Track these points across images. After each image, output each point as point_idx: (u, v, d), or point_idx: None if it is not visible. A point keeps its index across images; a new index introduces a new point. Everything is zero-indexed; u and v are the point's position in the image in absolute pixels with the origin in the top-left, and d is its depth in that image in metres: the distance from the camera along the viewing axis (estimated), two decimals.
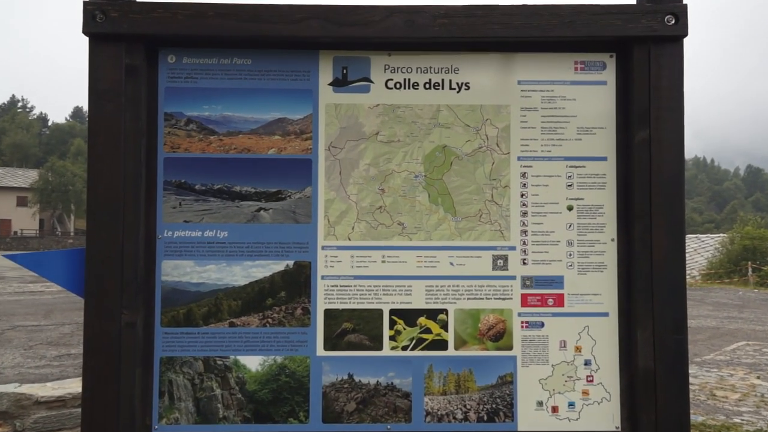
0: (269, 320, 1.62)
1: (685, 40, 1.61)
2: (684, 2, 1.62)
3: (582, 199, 1.67)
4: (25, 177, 50.08)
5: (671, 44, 1.61)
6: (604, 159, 1.68)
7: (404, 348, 1.63)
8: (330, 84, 1.67)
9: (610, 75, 1.69)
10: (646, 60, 1.61)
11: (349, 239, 1.66)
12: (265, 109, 1.66)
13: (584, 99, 1.68)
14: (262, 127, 1.66)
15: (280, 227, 1.65)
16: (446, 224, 1.67)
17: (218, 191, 1.65)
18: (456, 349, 1.64)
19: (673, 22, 1.59)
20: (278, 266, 1.64)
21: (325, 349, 1.63)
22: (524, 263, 1.66)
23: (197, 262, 1.63)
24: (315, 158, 1.66)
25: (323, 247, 1.65)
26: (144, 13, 1.57)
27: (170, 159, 1.65)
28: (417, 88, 1.68)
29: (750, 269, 21.71)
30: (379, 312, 1.63)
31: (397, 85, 1.68)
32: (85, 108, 1.61)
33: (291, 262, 1.64)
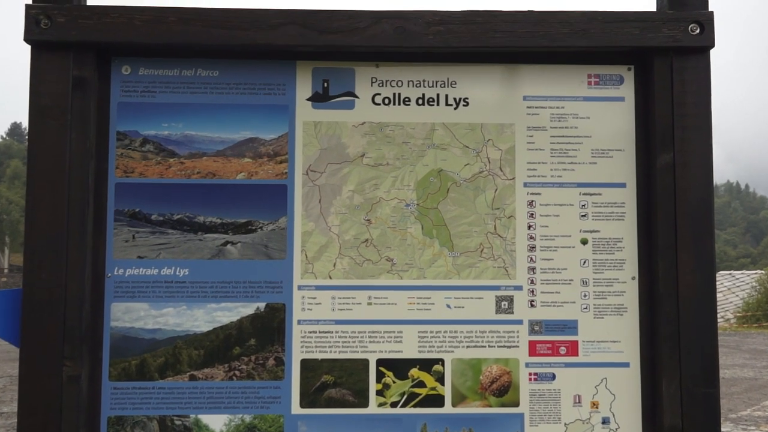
0: (236, 372, 1.61)
1: (713, 51, 1.64)
2: (710, 9, 1.65)
3: (598, 231, 1.68)
4: None
5: (696, 56, 1.64)
6: (623, 185, 1.69)
7: (394, 404, 1.62)
8: (309, 99, 1.68)
9: (628, 90, 1.71)
10: (668, 73, 1.64)
11: (330, 278, 1.65)
12: (234, 127, 1.66)
13: (599, 117, 1.70)
14: (229, 149, 1.66)
15: (250, 264, 1.64)
16: (442, 260, 1.67)
17: (178, 222, 1.64)
18: (454, 405, 1.62)
19: (697, 31, 1.62)
20: (247, 309, 1.63)
21: (302, 406, 1.61)
22: (532, 305, 1.66)
23: (153, 305, 1.62)
24: (291, 184, 1.66)
25: (300, 287, 1.64)
26: (96, 18, 1.58)
27: (123, 185, 1.64)
28: (408, 104, 1.70)
29: None
30: (365, 362, 1.62)
31: (386, 101, 1.69)
32: (25, 125, 1.64)
33: (262, 305, 1.63)
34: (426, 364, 1.63)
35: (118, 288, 1.63)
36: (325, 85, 1.69)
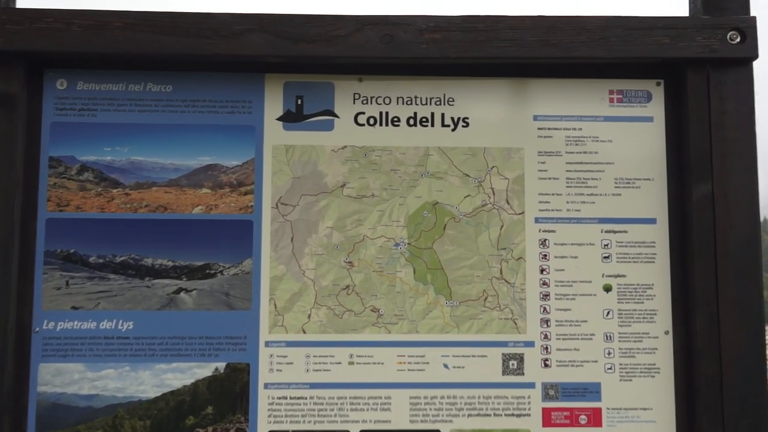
0: None
1: (757, 63, 1.63)
2: (752, 14, 1.63)
3: (624, 276, 1.64)
4: None
5: (736, 68, 1.62)
6: (653, 221, 1.66)
7: None
8: (279, 119, 1.66)
9: (657, 108, 1.68)
10: (703, 89, 1.62)
11: (304, 332, 1.61)
12: (190, 152, 1.64)
13: (624, 140, 1.67)
14: (184, 177, 1.63)
15: (208, 315, 1.60)
16: (438, 311, 1.63)
17: (122, 266, 1.60)
18: None
19: (738, 39, 1.60)
20: (204, 370, 1.58)
21: None
22: (546, 365, 1.62)
23: (89, 366, 1.57)
24: (257, 219, 1.62)
25: (268, 344, 1.60)
26: (27, 24, 1.55)
27: (55, 221, 1.60)
28: (398, 125, 1.67)
29: None
30: None
31: (371, 121, 1.67)
32: None
33: (222, 365, 1.59)
34: None
35: (48, 345, 1.57)
36: (299, 102, 1.66)
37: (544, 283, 1.64)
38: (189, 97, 1.64)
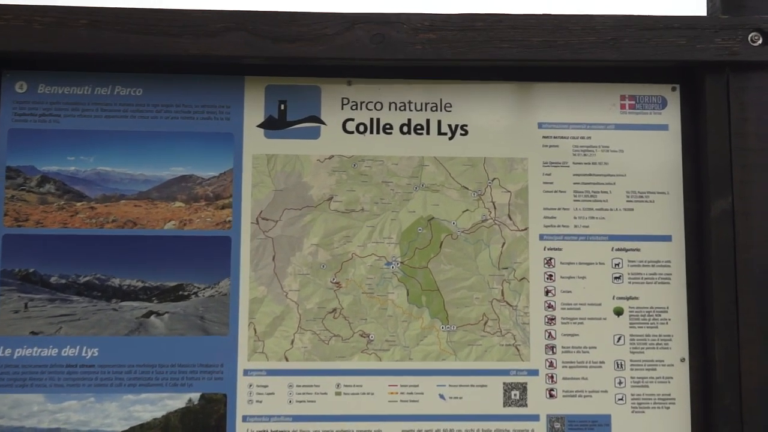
0: None
1: None
2: None
3: (636, 298, 1.63)
4: None
5: (759, 72, 1.60)
6: (668, 239, 1.64)
7: None
8: (260, 126, 1.63)
9: (672, 116, 1.67)
10: (723, 95, 1.60)
11: (287, 359, 1.59)
12: (162, 162, 1.61)
13: (636, 150, 1.66)
14: (156, 190, 1.60)
15: (181, 341, 1.57)
16: (434, 336, 1.61)
17: (86, 286, 1.57)
18: None
19: (760, 41, 1.58)
20: (176, 402, 1.56)
21: None
22: (551, 396, 1.60)
23: (50, 397, 1.54)
24: (236, 236, 1.61)
25: (247, 372, 1.58)
26: None
27: (13, 237, 1.57)
28: (390, 133, 1.65)
29: None
30: None
31: (361, 128, 1.65)
32: None
33: (196, 396, 1.56)
34: None
35: (4, 374, 1.54)
36: (282, 107, 1.64)
37: (550, 306, 1.63)
38: (161, 101, 1.62)
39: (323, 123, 1.64)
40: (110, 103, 1.61)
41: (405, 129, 1.65)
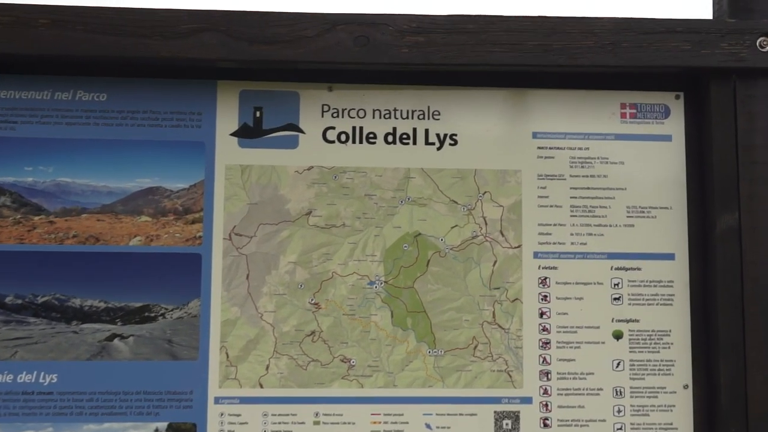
0: None
1: None
2: None
3: (637, 320, 1.62)
4: None
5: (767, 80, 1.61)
6: (671, 257, 1.64)
7: None
8: (234, 134, 1.62)
9: (676, 125, 1.67)
10: (729, 103, 1.60)
11: (262, 386, 1.57)
12: (127, 173, 1.60)
13: (637, 162, 1.66)
14: (120, 203, 1.59)
15: (147, 366, 1.56)
16: (420, 361, 1.60)
17: (44, 307, 1.55)
18: None
19: None
20: (142, 431, 1.54)
21: None
22: (546, 425, 1.60)
23: (5, 427, 1.53)
24: (207, 253, 1.59)
25: (218, 400, 1.56)
26: None
27: None
28: (374, 142, 1.64)
29: None
30: None
31: (343, 137, 1.64)
32: None
33: (163, 426, 1.55)
34: None
35: None
36: (258, 114, 1.63)
37: (544, 329, 1.62)
38: (127, 107, 1.60)
39: (302, 131, 1.63)
40: (72, 109, 1.59)
41: (390, 138, 1.64)
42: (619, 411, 1.60)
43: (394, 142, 1.64)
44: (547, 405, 1.60)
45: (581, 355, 1.61)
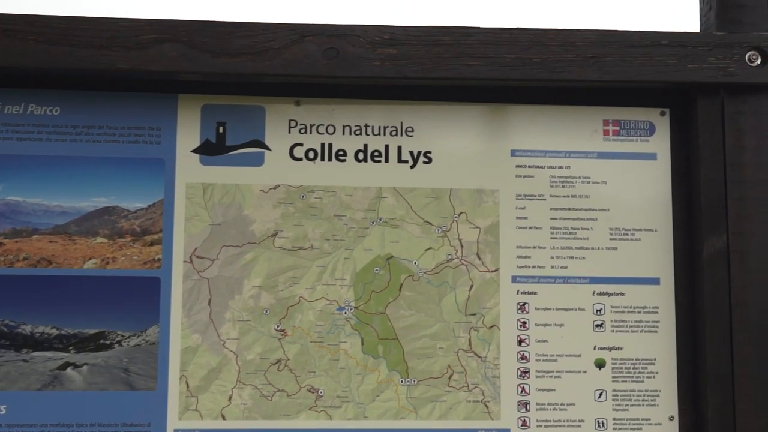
0: None
1: None
2: None
3: (620, 348, 1.61)
4: None
5: (757, 96, 1.59)
6: (656, 282, 1.63)
7: None
8: (196, 150, 1.60)
9: (661, 143, 1.66)
10: (717, 120, 1.59)
11: (224, 418, 1.54)
12: (82, 191, 1.57)
13: (621, 182, 1.65)
14: (74, 223, 1.56)
15: (102, 397, 1.53)
16: (392, 391, 1.58)
17: None
18: None
19: (758, 61, 1.57)
20: None
21: None
22: None
23: None
24: (166, 276, 1.57)
25: None
26: None
27: None
28: (344, 160, 1.62)
29: None
30: None
31: (311, 154, 1.62)
32: None
33: None
34: None
35: None
36: (221, 130, 1.61)
37: (523, 358, 1.61)
38: (82, 122, 1.58)
39: (268, 148, 1.61)
40: (22, 123, 1.57)
41: (361, 156, 1.63)
42: None
43: (365, 159, 1.63)
44: None
45: (562, 385, 1.60)
